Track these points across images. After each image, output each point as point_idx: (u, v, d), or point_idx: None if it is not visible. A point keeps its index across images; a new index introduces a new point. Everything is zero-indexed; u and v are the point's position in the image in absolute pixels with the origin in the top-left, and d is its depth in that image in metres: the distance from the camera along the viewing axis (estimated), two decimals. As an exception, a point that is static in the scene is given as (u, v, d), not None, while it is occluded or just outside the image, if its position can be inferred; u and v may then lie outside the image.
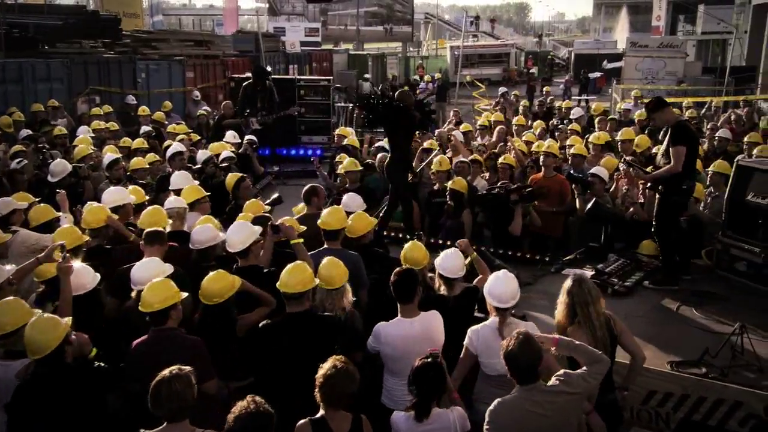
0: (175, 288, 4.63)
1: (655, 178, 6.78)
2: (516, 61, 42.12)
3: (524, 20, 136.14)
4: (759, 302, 6.63)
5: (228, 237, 5.65)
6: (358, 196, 7.22)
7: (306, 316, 4.74)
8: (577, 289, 4.61)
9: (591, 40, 55.38)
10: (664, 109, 6.90)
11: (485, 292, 4.94)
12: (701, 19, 44.15)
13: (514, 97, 18.70)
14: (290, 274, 4.77)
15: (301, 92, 13.89)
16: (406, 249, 5.76)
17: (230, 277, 5.02)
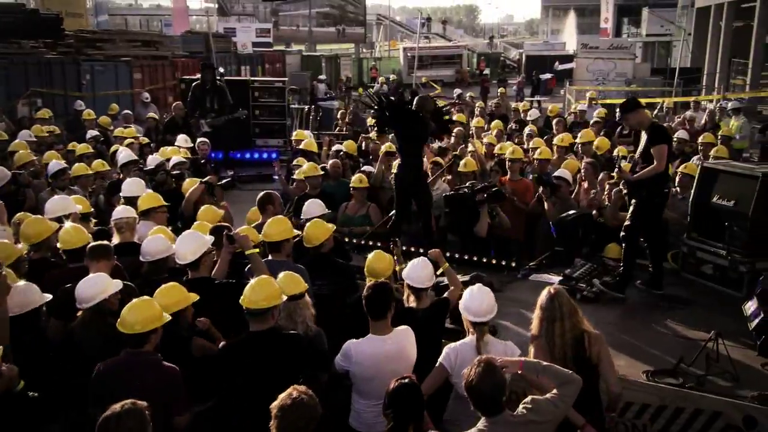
0: (159, 310, 4.29)
1: (639, 180, 6.61)
2: (468, 62, 42.25)
3: (474, 22, 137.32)
4: (727, 306, 6.53)
5: (177, 248, 5.28)
6: (320, 202, 6.89)
7: (270, 335, 4.39)
8: (548, 303, 4.36)
9: (540, 42, 55.92)
10: (639, 109, 6.76)
11: (461, 307, 4.69)
12: (646, 22, 45.22)
13: (469, 98, 18.58)
14: (255, 289, 4.42)
15: (255, 94, 13.46)
16: (369, 259, 5.49)
17: (183, 292, 4.66)
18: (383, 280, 4.90)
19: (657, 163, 6.45)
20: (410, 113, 7.62)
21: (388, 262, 5.46)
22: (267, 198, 6.70)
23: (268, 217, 6.51)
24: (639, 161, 6.72)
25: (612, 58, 24.36)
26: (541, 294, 4.47)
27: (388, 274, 5.38)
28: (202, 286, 5.00)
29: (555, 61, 36.31)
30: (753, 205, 6.55)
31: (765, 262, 6.63)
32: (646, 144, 6.59)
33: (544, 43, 54.02)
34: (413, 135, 7.66)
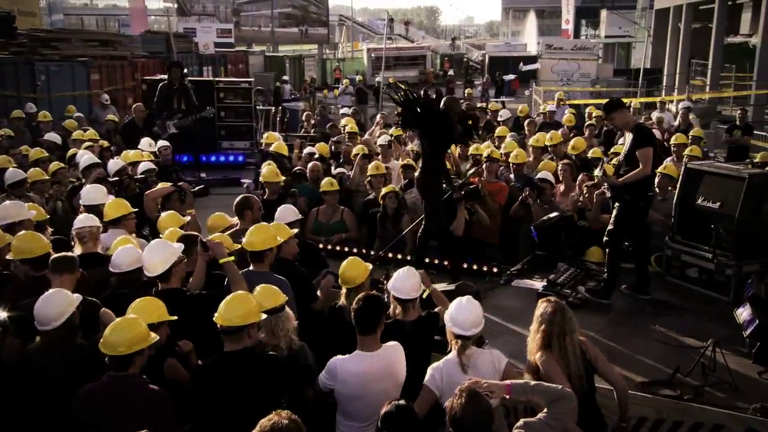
0: (146, 330, 3.91)
1: (625, 183, 6.40)
2: (432, 63, 42.10)
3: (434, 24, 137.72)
4: (715, 311, 6.39)
5: (145, 259, 4.87)
6: (293, 207, 6.52)
7: (245, 355, 4.02)
8: (557, 316, 4.12)
9: (502, 43, 56.12)
10: (623, 109, 6.56)
11: (446, 318, 4.39)
12: (604, 24, 45.69)
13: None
14: (229, 304, 4.06)
15: (221, 95, 12.99)
16: (343, 266, 5.17)
17: (160, 308, 4.29)
18: (375, 292, 4.58)
19: (642, 167, 6.27)
20: (438, 114, 7.01)
21: (363, 270, 5.14)
22: (245, 203, 6.28)
23: (247, 223, 6.14)
24: (623, 163, 6.52)
25: (576, 59, 24.42)
26: (540, 307, 4.21)
27: (361, 282, 5.06)
28: (174, 298, 4.61)
29: (518, 62, 36.40)
30: (739, 207, 6.41)
31: (752, 265, 6.51)
32: (631, 146, 6.39)
33: (506, 44, 54.19)
34: (439, 137, 7.04)
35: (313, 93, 27.62)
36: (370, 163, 8.54)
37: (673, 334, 5.98)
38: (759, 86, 21.39)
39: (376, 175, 8.11)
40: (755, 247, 6.53)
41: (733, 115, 22.20)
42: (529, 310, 6.52)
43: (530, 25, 65.03)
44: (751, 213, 6.42)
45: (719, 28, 25.40)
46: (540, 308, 4.23)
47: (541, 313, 4.19)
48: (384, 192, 7.70)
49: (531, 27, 64.36)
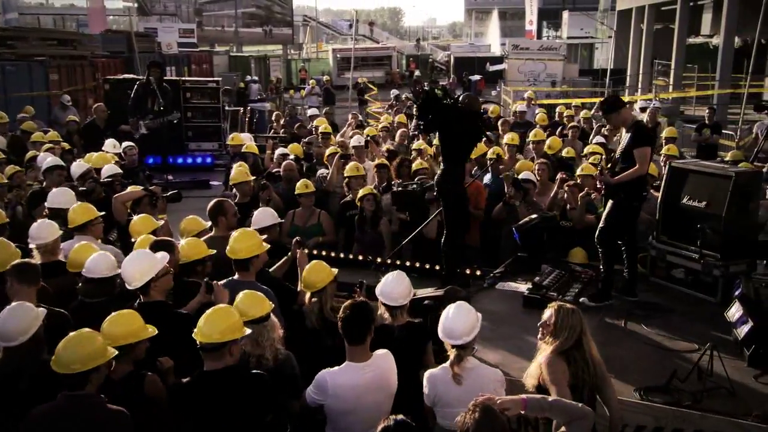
0: (102, 344, 3.61)
1: (620, 182, 6.23)
2: (398, 64, 42.00)
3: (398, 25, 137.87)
4: (704, 312, 6.24)
5: (124, 269, 4.54)
6: (271, 210, 6.23)
7: (226, 375, 3.72)
8: (572, 319, 3.94)
9: (466, 44, 56.40)
10: (621, 109, 6.38)
11: (439, 327, 4.16)
12: (566, 25, 46.15)
13: (405, 99, 18.14)
14: (209, 319, 3.76)
15: (187, 95, 12.57)
16: (306, 270, 4.92)
17: (138, 322, 3.97)
18: (363, 299, 4.33)
19: (639, 166, 6.11)
20: (458, 112, 6.51)
21: (327, 273, 4.88)
22: (218, 208, 5.96)
23: (221, 230, 5.86)
24: (618, 161, 6.36)
25: (542, 59, 24.48)
26: (549, 312, 3.99)
27: (323, 286, 4.81)
28: (156, 312, 4.29)
29: (483, 63, 36.47)
30: (726, 206, 6.27)
31: (739, 265, 6.39)
32: (628, 144, 6.23)
33: (470, 45, 54.51)
34: (461, 137, 6.57)
35: (280, 93, 27.21)
36: (347, 164, 8.27)
37: (664, 337, 5.81)
38: (722, 86, 21.66)
39: (356, 176, 7.83)
40: (742, 246, 6.41)
41: (697, 114, 22.53)
42: (515, 313, 6.44)
43: (493, 27, 65.54)
44: (738, 212, 6.29)
45: (681, 28, 25.71)
46: (548, 313, 4.01)
47: (550, 318, 3.97)
48: (361, 194, 7.43)
49: (494, 28, 64.87)
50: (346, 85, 32.87)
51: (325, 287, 4.83)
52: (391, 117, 13.41)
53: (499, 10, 67.96)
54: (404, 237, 7.65)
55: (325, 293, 4.83)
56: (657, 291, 6.79)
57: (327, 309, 4.81)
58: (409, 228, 7.60)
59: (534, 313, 6.07)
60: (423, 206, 7.38)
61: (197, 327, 3.75)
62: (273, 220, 6.02)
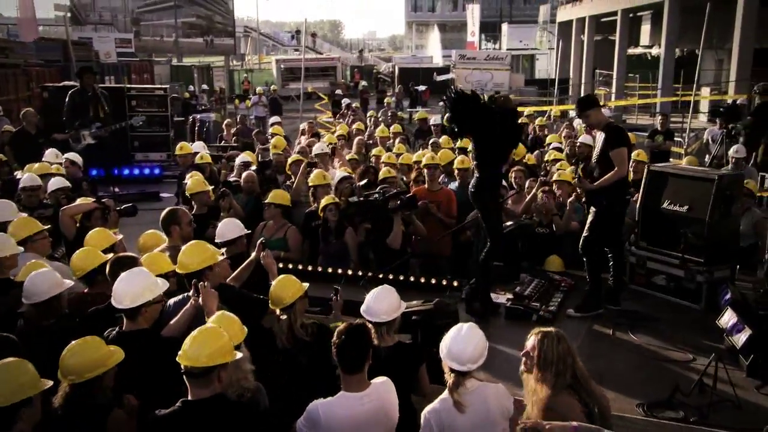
0: (32, 374, 3.12)
1: (601, 187, 5.97)
2: (342, 74, 41.68)
3: (338, 37, 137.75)
4: (690, 320, 6.04)
5: (116, 287, 3.99)
6: (237, 221, 5.73)
7: (215, 404, 3.25)
8: (561, 349, 3.46)
9: (409, 55, 56.61)
10: (597, 107, 6.15)
11: (441, 349, 3.74)
12: (506, 37, 46.76)
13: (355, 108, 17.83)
14: (196, 341, 3.28)
15: (133, 103, 11.86)
16: (273, 285, 4.48)
17: (101, 350, 3.47)
18: (359, 321, 3.88)
19: (618, 168, 5.87)
20: (496, 112, 6.10)
21: (296, 288, 4.43)
22: (171, 217, 5.45)
23: (175, 241, 5.35)
24: (594, 166, 6.11)
25: (489, 69, 24.54)
26: (532, 340, 3.48)
27: (290, 302, 4.36)
28: (140, 341, 3.80)
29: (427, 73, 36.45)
30: (710, 210, 6.10)
31: (722, 271, 6.23)
32: (603, 147, 5.98)
33: (413, 56, 54.66)
34: (500, 139, 6.11)
35: (224, 104, 26.49)
36: (301, 167, 7.86)
37: (656, 347, 5.57)
38: (664, 94, 22.09)
39: (322, 185, 7.40)
40: (725, 251, 6.26)
41: (639, 123, 22.93)
42: (499, 325, 6.09)
43: (434, 39, 66.03)
44: (721, 216, 6.12)
45: (622, 39, 26.20)
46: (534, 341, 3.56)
47: (536, 346, 3.52)
48: (324, 204, 7.00)
49: (435, 40, 65.39)
50: (290, 96, 32.42)
51: (295, 303, 4.38)
52: (346, 125, 13.03)
53: (438, 23, 68.60)
54: (369, 247, 7.28)
55: (294, 309, 4.38)
56: (638, 299, 6.56)
57: (297, 327, 4.37)
58: (375, 238, 7.22)
59: (518, 325, 5.81)
60: (386, 216, 6.99)
61: (181, 350, 3.27)
62: (240, 232, 5.53)
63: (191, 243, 4.70)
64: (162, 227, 5.49)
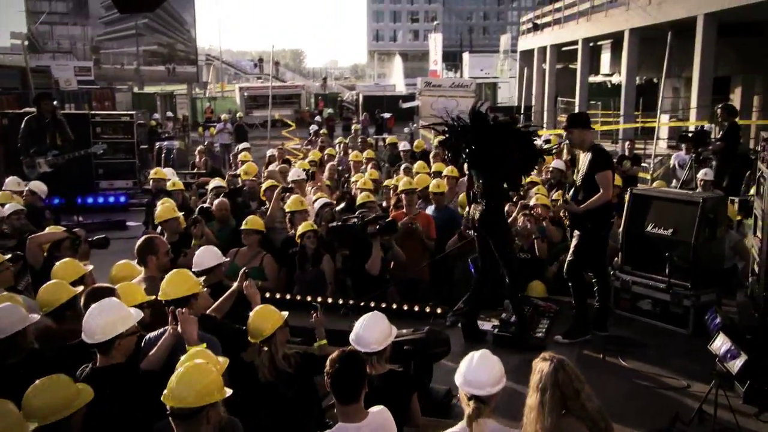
0: (16, 415, 2.88)
1: (587, 210, 5.86)
2: (307, 102, 41.60)
3: (300, 66, 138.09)
4: (679, 345, 5.95)
5: (87, 319, 3.69)
6: (215, 249, 5.46)
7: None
8: (563, 375, 3.33)
9: (372, 83, 56.99)
10: (585, 128, 6.06)
11: (457, 377, 3.53)
12: (467, 66, 47.43)
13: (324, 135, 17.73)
14: (183, 379, 3.02)
15: (97, 130, 11.48)
16: (252, 315, 4.25)
17: (69, 390, 3.19)
18: (352, 348, 3.66)
19: (604, 191, 5.78)
20: (493, 134, 5.76)
21: (275, 318, 4.20)
22: (147, 246, 5.16)
23: (151, 271, 5.07)
24: (580, 189, 6.01)
25: (454, 96, 24.54)
26: (540, 367, 3.38)
27: (270, 333, 4.12)
28: (116, 377, 3.50)
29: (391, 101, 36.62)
30: (695, 233, 6.04)
31: (709, 295, 6.16)
32: (588, 170, 5.90)
33: (376, 84, 54.98)
34: (515, 164, 5.82)
35: (188, 131, 26.10)
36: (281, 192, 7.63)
37: (647, 373, 5.45)
38: (626, 121, 22.45)
39: (300, 211, 7.17)
40: (711, 275, 6.20)
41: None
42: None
43: (397, 67, 66.61)
44: (706, 239, 6.08)
45: (583, 68, 26.66)
46: (540, 370, 3.41)
47: (543, 377, 3.37)
48: (302, 231, 6.77)
49: (397, 69, 65.98)
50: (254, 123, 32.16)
51: (275, 334, 4.14)
52: (318, 152, 12.86)
53: (400, 52, 69.37)
54: (347, 273, 7.07)
55: (275, 341, 4.13)
56: (624, 324, 6.46)
57: (279, 358, 4.12)
58: (353, 264, 7.01)
59: (507, 352, 5.62)
60: (365, 241, 6.80)
61: (167, 389, 3.00)
62: (218, 260, 5.27)
63: (176, 271, 4.45)
64: (137, 257, 5.19)
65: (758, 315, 5.93)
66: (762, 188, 5.90)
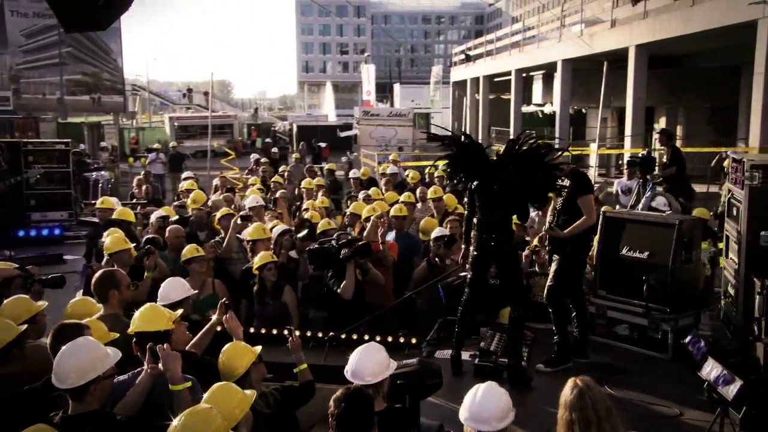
0: None
1: (572, 234, 5.71)
2: (239, 132, 40.85)
3: (228, 96, 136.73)
4: (662, 371, 5.82)
5: (58, 363, 3.23)
6: (182, 281, 5.05)
7: None
8: (578, 401, 3.11)
9: (304, 114, 56.75)
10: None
11: (461, 411, 3.24)
12: (398, 97, 47.79)
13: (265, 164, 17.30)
14: (186, 426, 2.62)
15: (30, 158, 10.71)
16: (224, 352, 3.90)
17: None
18: (358, 385, 3.34)
19: (588, 216, 5.68)
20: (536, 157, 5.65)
21: (248, 355, 3.89)
22: (108, 280, 4.71)
23: (113, 308, 4.61)
24: (560, 213, 5.87)
25: (393, 125, 24.64)
26: (565, 388, 3.19)
27: (244, 371, 3.80)
28: (92, 425, 3.08)
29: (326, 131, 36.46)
30: (672, 256, 5.98)
31: (687, 318, 6.09)
32: (570, 193, 5.77)
33: (308, 115, 54.73)
34: (539, 187, 5.72)
35: (116, 161, 25.11)
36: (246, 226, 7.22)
37: (636, 401, 5.28)
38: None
39: (263, 239, 6.77)
40: (689, 298, 6.14)
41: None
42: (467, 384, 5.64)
43: (328, 98, 66.69)
44: (683, 261, 6.02)
45: (517, 98, 27.18)
46: (565, 390, 3.21)
47: (563, 398, 3.18)
48: (261, 263, 6.36)
49: (329, 99, 66.07)
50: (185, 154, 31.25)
51: (249, 371, 3.82)
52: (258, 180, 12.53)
53: (332, 83, 69.64)
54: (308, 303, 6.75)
55: (249, 379, 3.79)
56: (601, 350, 6.31)
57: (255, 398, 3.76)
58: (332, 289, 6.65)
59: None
60: (340, 264, 6.48)
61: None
62: (186, 292, 4.90)
63: (150, 305, 4.10)
64: (96, 292, 4.71)
65: (733, 338, 5.89)
66: (736, 209, 5.88)
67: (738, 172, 5.80)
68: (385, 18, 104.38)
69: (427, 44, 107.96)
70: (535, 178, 5.65)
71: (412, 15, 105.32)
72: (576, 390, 3.05)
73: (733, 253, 5.95)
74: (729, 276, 6.08)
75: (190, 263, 6.39)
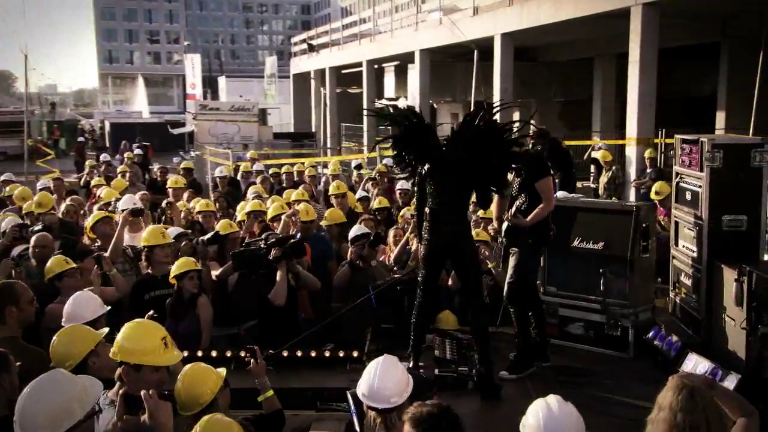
0: None
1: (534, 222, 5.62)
2: (39, 131, 37.65)
3: (9, 91, 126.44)
4: (630, 370, 5.88)
5: (23, 404, 2.71)
6: (91, 294, 4.40)
7: None
8: (688, 403, 2.96)
9: (113, 110, 53.67)
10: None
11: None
12: (224, 91, 46.71)
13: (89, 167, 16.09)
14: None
15: None
16: (185, 374, 3.53)
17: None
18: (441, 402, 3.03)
19: (547, 201, 5.62)
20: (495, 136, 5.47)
21: (213, 379, 3.54)
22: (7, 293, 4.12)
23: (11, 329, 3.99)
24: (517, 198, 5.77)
25: (235, 121, 23.79)
26: (670, 387, 3.04)
27: (210, 399, 3.45)
28: None
29: (146, 129, 34.76)
30: (630, 246, 6.08)
31: (645, 312, 6.23)
32: (527, 177, 5.68)
33: (119, 111, 51.95)
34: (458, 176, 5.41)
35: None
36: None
37: (614, 404, 5.26)
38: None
39: (162, 245, 6.11)
40: (646, 291, 6.28)
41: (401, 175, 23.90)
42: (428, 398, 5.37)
43: (140, 93, 63.81)
44: (641, 252, 6.13)
45: (370, 91, 27.36)
46: (668, 390, 3.05)
47: (668, 398, 3.02)
48: (181, 270, 5.71)
49: (141, 95, 63.23)
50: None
51: (215, 399, 3.47)
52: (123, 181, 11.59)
53: (143, 76, 66.90)
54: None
55: (217, 407, 3.43)
56: (555, 352, 6.26)
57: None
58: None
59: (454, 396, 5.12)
60: (269, 267, 6.00)
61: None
62: (101, 310, 4.27)
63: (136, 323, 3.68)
64: None
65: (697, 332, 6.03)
66: (690, 194, 6.09)
67: (692, 154, 5.99)
68: (200, 4, 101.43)
69: (249, 34, 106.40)
70: (491, 156, 5.46)
71: (232, 2, 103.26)
72: (686, 390, 2.89)
73: (687, 240, 6.14)
74: (682, 265, 6.28)
75: (61, 279, 5.54)
